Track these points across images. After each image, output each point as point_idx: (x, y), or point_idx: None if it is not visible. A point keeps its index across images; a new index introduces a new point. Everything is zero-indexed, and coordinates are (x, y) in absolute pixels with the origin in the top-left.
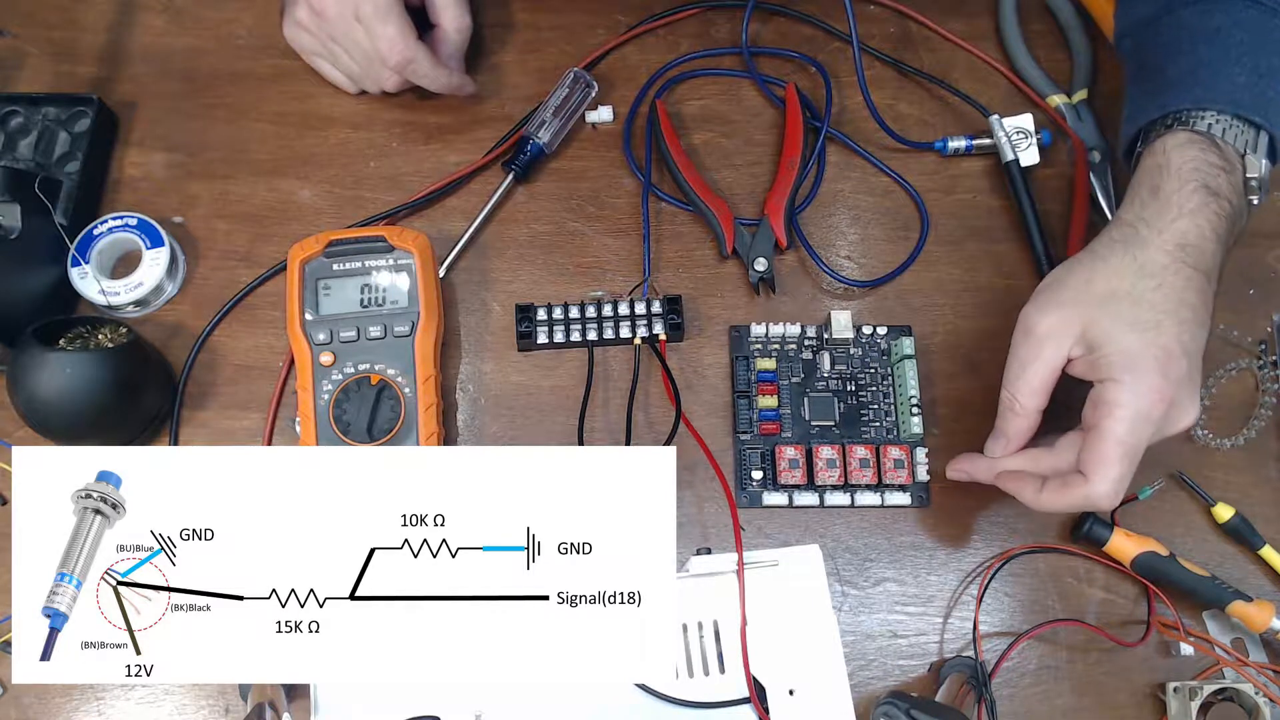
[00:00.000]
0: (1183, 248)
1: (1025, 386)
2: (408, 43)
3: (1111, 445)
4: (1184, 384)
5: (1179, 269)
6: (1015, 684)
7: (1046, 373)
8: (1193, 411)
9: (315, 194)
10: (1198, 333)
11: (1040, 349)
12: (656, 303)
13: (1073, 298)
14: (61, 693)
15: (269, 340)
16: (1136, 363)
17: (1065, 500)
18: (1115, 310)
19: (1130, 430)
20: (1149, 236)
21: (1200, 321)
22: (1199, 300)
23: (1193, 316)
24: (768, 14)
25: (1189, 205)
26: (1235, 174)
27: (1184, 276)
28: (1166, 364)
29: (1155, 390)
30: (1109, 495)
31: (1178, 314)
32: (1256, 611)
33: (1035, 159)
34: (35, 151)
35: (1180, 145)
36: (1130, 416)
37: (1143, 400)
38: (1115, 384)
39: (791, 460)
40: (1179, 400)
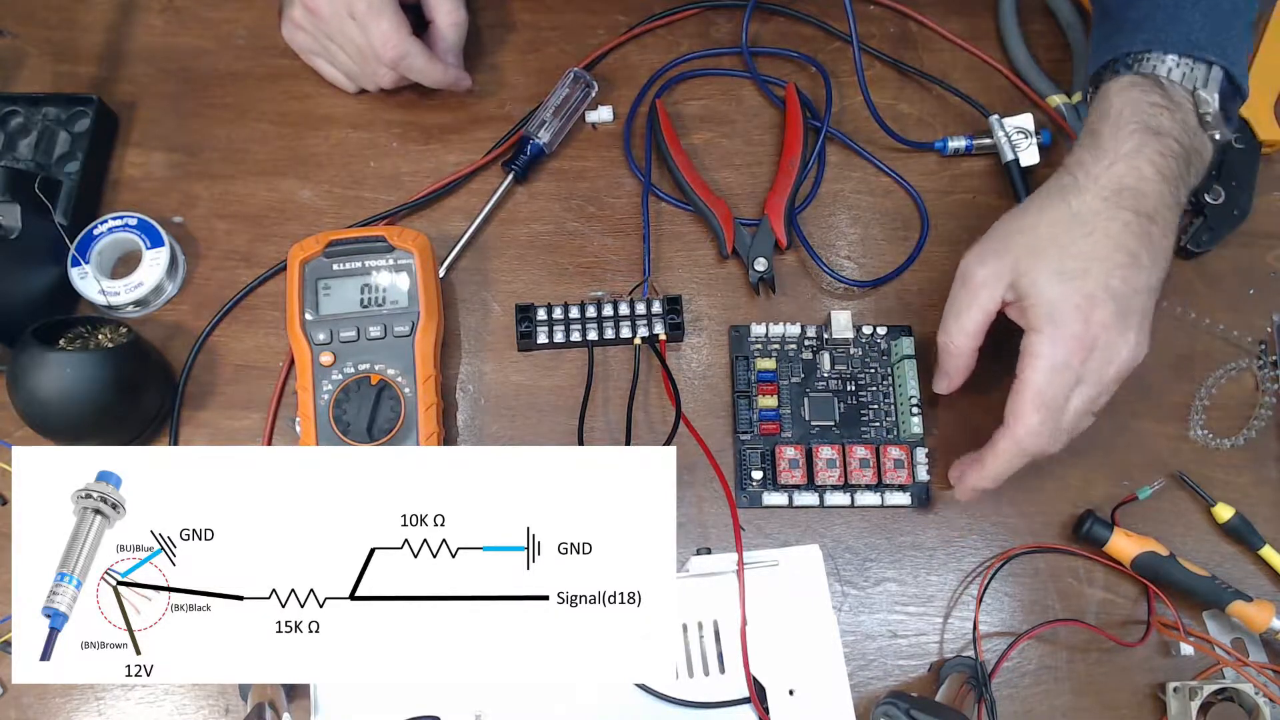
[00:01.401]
0: (1119, 192)
1: (959, 330)
2: (401, 38)
3: (1029, 395)
4: (1110, 327)
5: (1114, 214)
6: (1015, 684)
7: (980, 317)
8: (1125, 350)
9: (315, 194)
10: (1133, 275)
11: (975, 296)
12: (656, 303)
13: (1008, 247)
14: (61, 693)
15: (269, 340)
16: (1056, 312)
17: (995, 451)
18: (1044, 259)
19: (1047, 380)
20: (1085, 183)
21: (1138, 264)
22: (1138, 243)
23: (1128, 260)
24: (768, 14)
25: (1125, 148)
26: (1182, 112)
27: (1120, 221)
28: (1089, 311)
29: (1073, 339)
30: (1028, 440)
31: (1109, 259)
32: (1256, 611)
33: (1035, 159)
34: (35, 151)
35: (1123, 88)
36: (1046, 367)
37: (1060, 350)
38: (1037, 334)
39: (791, 460)
40: (1106, 343)
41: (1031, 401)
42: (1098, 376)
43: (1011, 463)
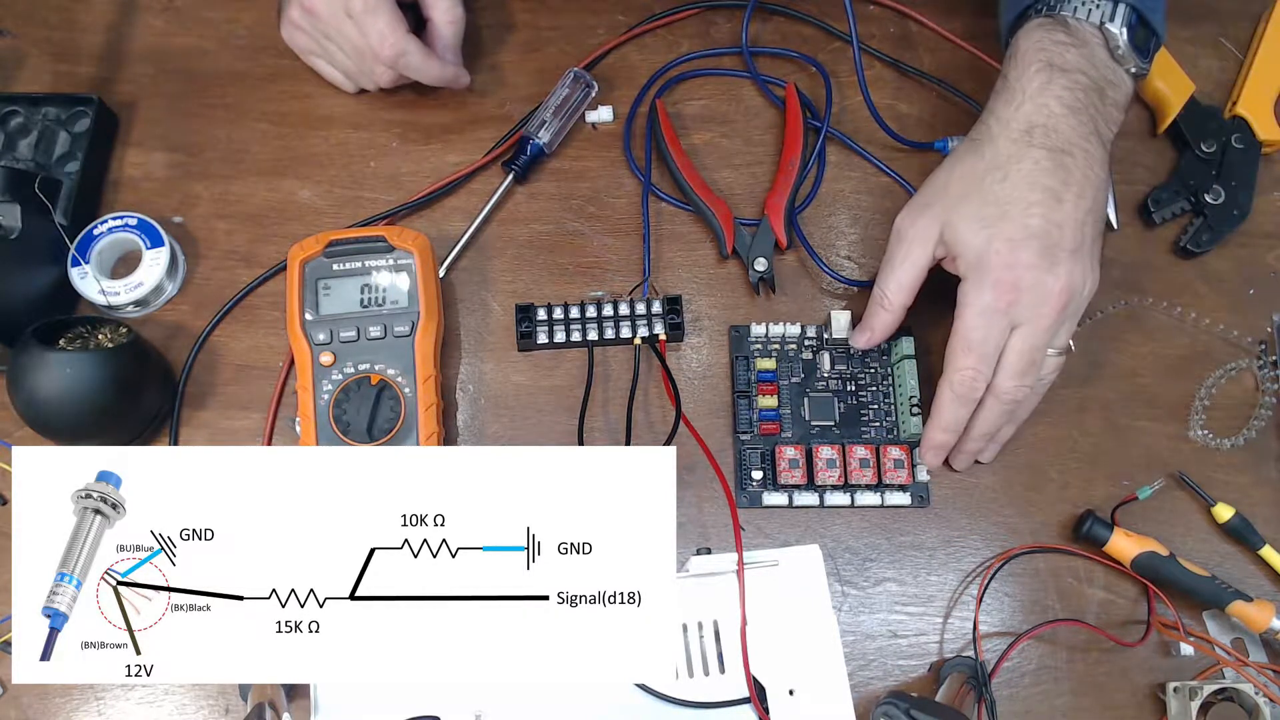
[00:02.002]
0: (1029, 131)
1: (894, 285)
2: (398, 36)
3: (958, 341)
4: (1035, 266)
5: (1025, 154)
6: (1015, 684)
7: (913, 273)
8: (1056, 285)
9: (315, 194)
10: (1053, 211)
11: (908, 252)
12: (656, 303)
13: (933, 201)
14: (61, 693)
15: (269, 340)
16: (980, 260)
17: (937, 401)
18: (966, 210)
19: (973, 324)
20: (997, 130)
21: (1056, 199)
22: (1054, 179)
23: (1045, 197)
24: (768, 14)
25: (1031, 87)
26: (1089, 47)
27: (1032, 159)
28: (1011, 254)
29: (996, 283)
30: (962, 385)
31: (1025, 199)
32: (1256, 611)
33: None
34: (35, 151)
35: (1028, 31)
36: (973, 312)
37: (985, 295)
38: (964, 282)
39: (791, 460)
40: (1033, 283)
41: (960, 346)
42: (1034, 315)
43: (957, 409)
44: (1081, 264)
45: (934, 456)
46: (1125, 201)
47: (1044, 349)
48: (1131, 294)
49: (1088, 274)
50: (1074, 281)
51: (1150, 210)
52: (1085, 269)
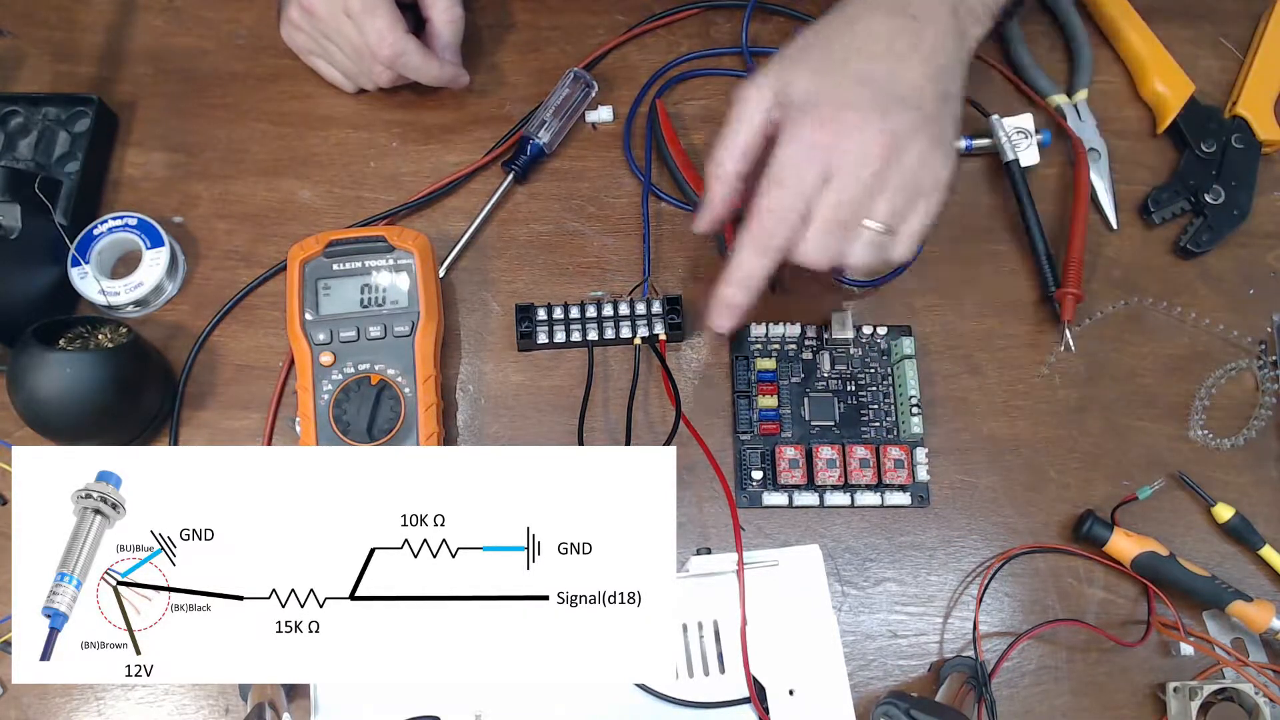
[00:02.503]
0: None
1: (726, 149)
2: (397, 35)
3: (765, 180)
4: (865, 110)
5: (871, 15)
6: (1015, 684)
7: (747, 134)
8: (881, 136)
9: (315, 194)
10: (895, 64)
11: (743, 112)
12: (656, 303)
13: (774, 64)
14: (61, 693)
15: (269, 340)
16: (807, 99)
17: (738, 251)
18: (805, 63)
19: (783, 162)
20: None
21: (896, 52)
22: (902, 39)
23: (885, 49)
24: (768, 14)
25: None
26: None
27: (883, 15)
28: (841, 94)
29: (818, 121)
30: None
31: (869, 49)
32: (1256, 611)
33: (1035, 159)
34: (35, 151)
35: None
36: (786, 150)
37: (804, 131)
38: (787, 126)
39: (791, 460)
40: (860, 126)
41: (765, 184)
42: (853, 165)
43: (753, 259)
44: (916, 123)
45: (727, 318)
46: (1125, 201)
47: (859, 207)
48: (1131, 294)
49: (922, 141)
50: (902, 141)
51: (1150, 210)
52: (921, 132)
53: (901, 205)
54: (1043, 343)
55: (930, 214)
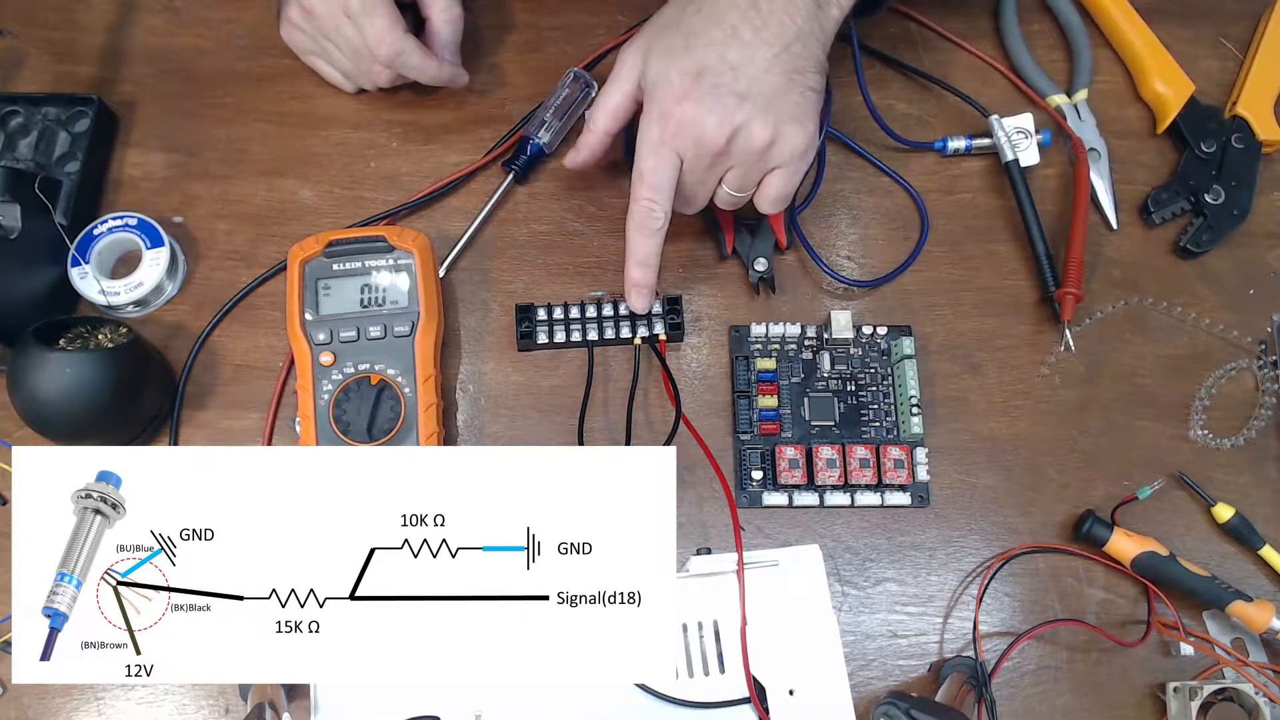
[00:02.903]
0: None
1: (600, 107)
2: (396, 35)
3: (635, 172)
4: (699, 102)
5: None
6: (1015, 684)
7: (618, 98)
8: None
9: (315, 194)
10: (731, 50)
11: (616, 76)
12: (656, 303)
13: (646, 30)
14: (61, 693)
15: (269, 340)
16: (653, 90)
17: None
18: (661, 39)
19: (643, 157)
20: None
21: (737, 39)
22: (744, 19)
23: (727, 35)
24: None
25: None
26: None
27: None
28: (678, 87)
29: (661, 116)
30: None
31: (708, 35)
32: (1256, 611)
33: (1035, 159)
34: (35, 151)
35: None
36: (643, 146)
37: (653, 129)
38: (643, 115)
39: (791, 460)
40: (693, 119)
41: (635, 177)
42: (695, 152)
43: (644, 241)
44: (755, 111)
45: (638, 297)
46: (1125, 201)
47: (706, 186)
48: (1131, 294)
49: (765, 124)
50: (737, 126)
51: (1150, 210)
52: (761, 118)
53: (752, 177)
54: (1043, 343)
55: (789, 181)
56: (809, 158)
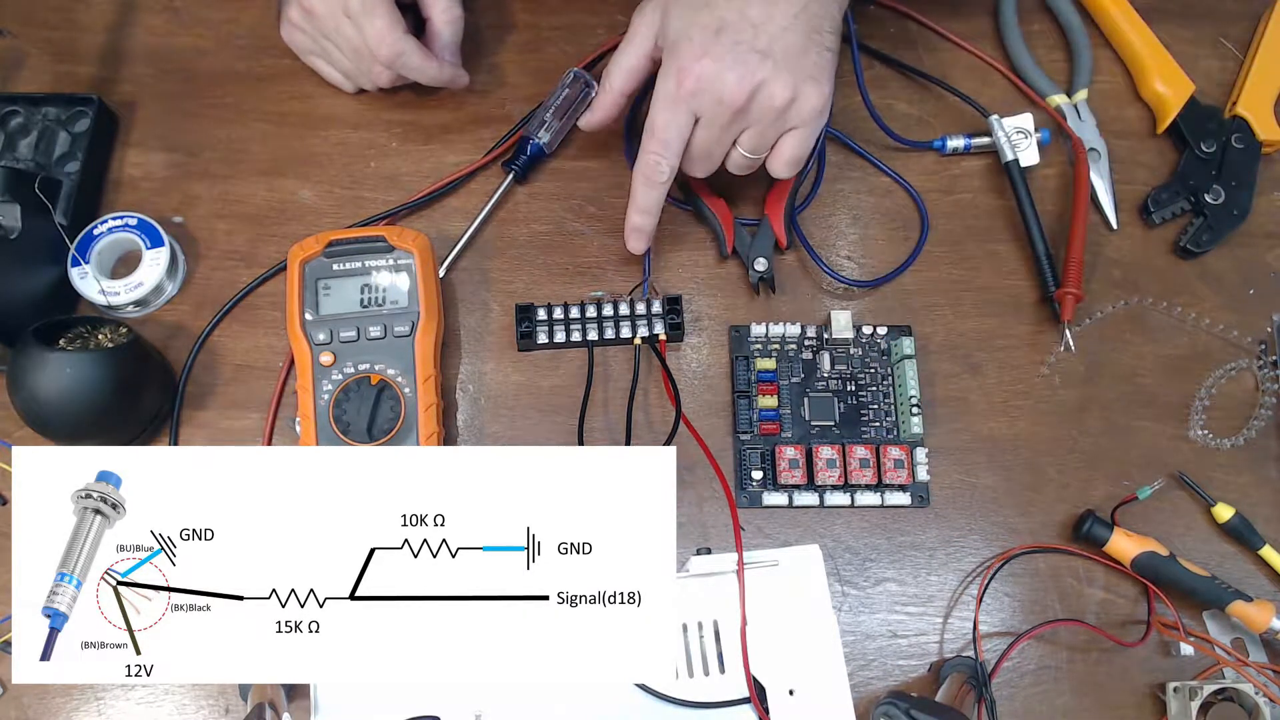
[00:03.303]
0: None
1: (616, 67)
2: (396, 36)
3: (647, 126)
4: (719, 59)
5: None
6: (1015, 684)
7: (634, 56)
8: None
9: (315, 194)
10: (751, 8)
11: (632, 34)
12: (656, 303)
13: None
14: (61, 693)
15: (269, 340)
16: (673, 47)
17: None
18: (681, 2)
19: (657, 111)
20: None
21: None
22: None
23: None
24: None
25: None
26: None
27: None
28: (699, 44)
29: (679, 73)
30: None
31: None
32: (1256, 611)
33: (1035, 159)
34: (35, 151)
35: None
36: (659, 101)
37: (669, 83)
38: (661, 71)
39: (791, 460)
40: (712, 75)
41: (647, 131)
42: (712, 111)
43: (648, 192)
44: (775, 69)
45: (637, 240)
46: (1125, 201)
47: (721, 145)
48: (1131, 294)
49: (785, 82)
50: (757, 84)
51: (1150, 210)
52: (781, 75)
53: (769, 137)
54: (1043, 343)
55: (805, 141)
56: (824, 118)
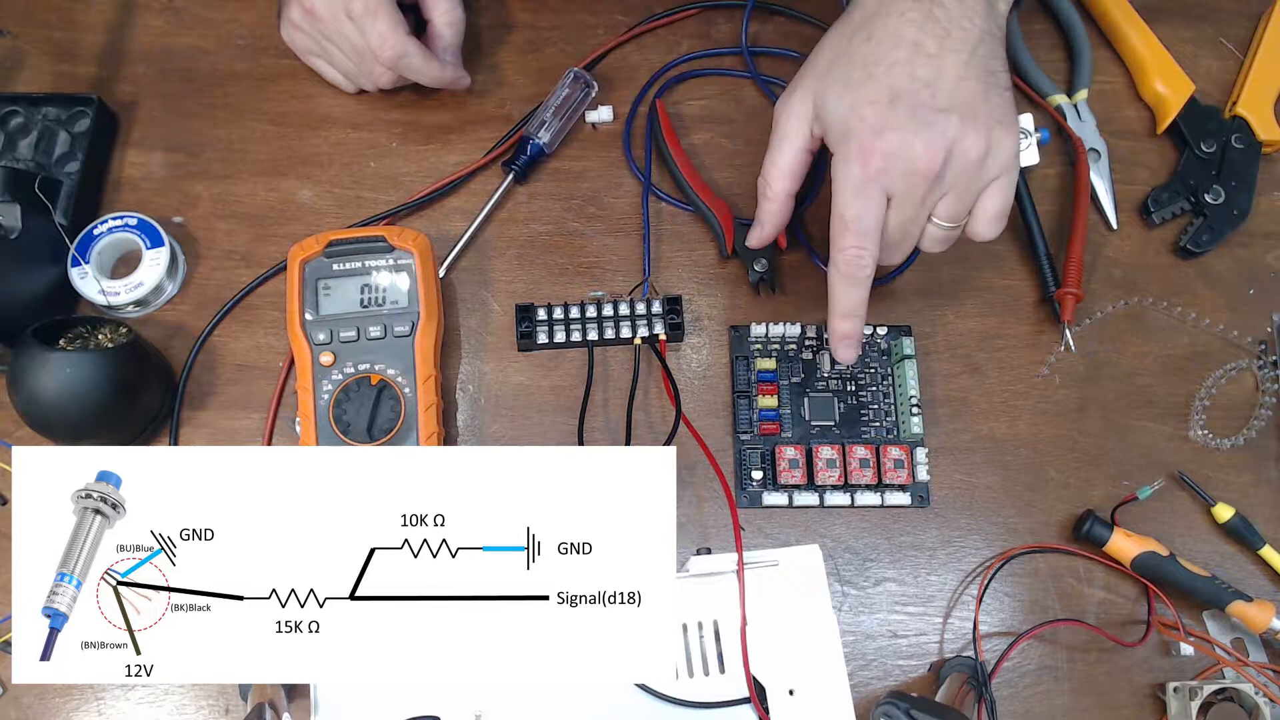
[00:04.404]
0: None
1: (774, 168)
2: (398, 37)
3: (836, 220)
4: (902, 128)
5: (889, 8)
6: (1015, 684)
7: (791, 153)
8: (924, 147)
9: (315, 194)
10: (920, 67)
11: (784, 134)
12: (656, 303)
13: (805, 75)
14: (61, 693)
15: (269, 340)
16: (845, 129)
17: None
18: (833, 77)
19: (847, 203)
20: None
21: (922, 53)
22: (920, 31)
23: (910, 53)
24: (768, 14)
25: None
26: None
27: (898, 13)
28: (874, 118)
29: (862, 151)
30: (848, 267)
31: (888, 58)
32: (1256, 611)
33: (1035, 159)
34: (35, 151)
35: None
36: (844, 190)
37: (853, 169)
38: (834, 157)
39: (791, 460)
40: (900, 146)
41: (838, 225)
42: (906, 184)
43: (851, 292)
44: (963, 123)
45: (846, 349)
46: (1125, 201)
47: (918, 222)
48: (1131, 294)
49: (977, 134)
50: (949, 143)
51: (1150, 210)
52: (971, 129)
53: (969, 198)
54: (1043, 343)
55: (1007, 192)
56: (1020, 161)
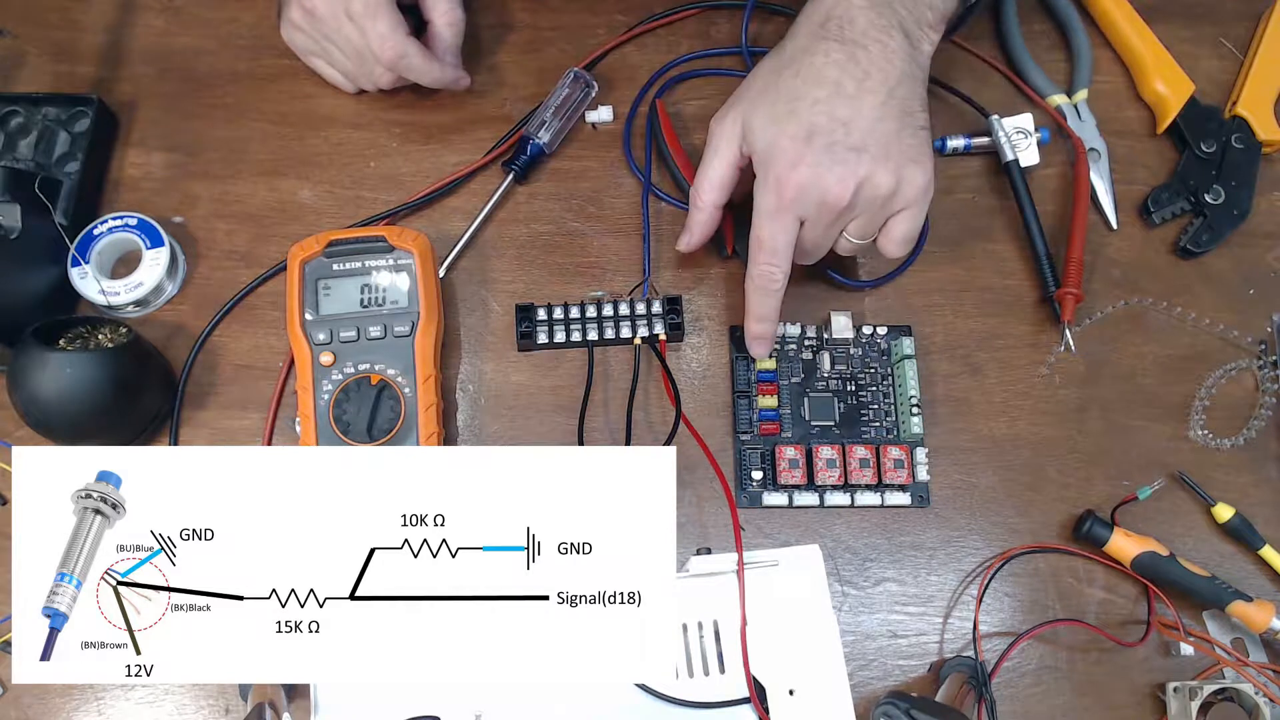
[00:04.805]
0: (824, 24)
1: (705, 181)
2: (398, 38)
3: (753, 239)
4: (817, 164)
5: (816, 47)
6: (1015, 684)
7: (722, 168)
8: (835, 183)
9: (315, 194)
10: (837, 106)
11: (716, 150)
12: (656, 303)
13: (739, 99)
14: (61, 693)
15: (269, 340)
16: (766, 158)
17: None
18: (761, 107)
19: (761, 225)
20: (799, 23)
21: (841, 94)
22: (841, 72)
23: (830, 92)
24: (768, 14)
25: None
26: None
27: (823, 52)
28: (792, 152)
29: (778, 182)
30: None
31: (809, 95)
32: (1256, 611)
33: (1035, 159)
34: (35, 151)
35: None
36: (761, 216)
37: (770, 196)
38: (756, 181)
39: (791, 460)
40: (813, 181)
41: (754, 244)
42: (816, 213)
43: (764, 301)
44: (874, 161)
45: (760, 346)
46: (1125, 201)
47: (829, 238)
48: (1131, 294)
49: (887, 171)
50: (860, 181)
51: (1150, 210)
52: (881, 166)
53: (876, 222)
54: (1043, 343)
55: (915, 220)
56: (930, 193)
